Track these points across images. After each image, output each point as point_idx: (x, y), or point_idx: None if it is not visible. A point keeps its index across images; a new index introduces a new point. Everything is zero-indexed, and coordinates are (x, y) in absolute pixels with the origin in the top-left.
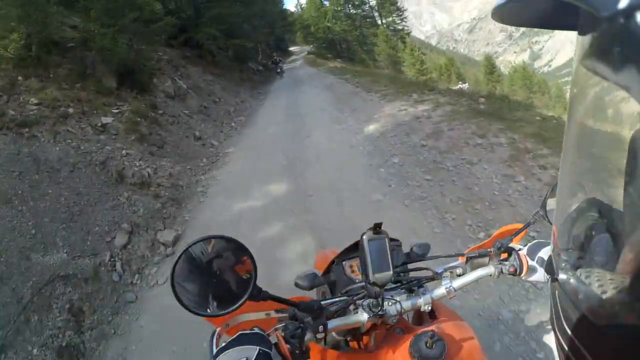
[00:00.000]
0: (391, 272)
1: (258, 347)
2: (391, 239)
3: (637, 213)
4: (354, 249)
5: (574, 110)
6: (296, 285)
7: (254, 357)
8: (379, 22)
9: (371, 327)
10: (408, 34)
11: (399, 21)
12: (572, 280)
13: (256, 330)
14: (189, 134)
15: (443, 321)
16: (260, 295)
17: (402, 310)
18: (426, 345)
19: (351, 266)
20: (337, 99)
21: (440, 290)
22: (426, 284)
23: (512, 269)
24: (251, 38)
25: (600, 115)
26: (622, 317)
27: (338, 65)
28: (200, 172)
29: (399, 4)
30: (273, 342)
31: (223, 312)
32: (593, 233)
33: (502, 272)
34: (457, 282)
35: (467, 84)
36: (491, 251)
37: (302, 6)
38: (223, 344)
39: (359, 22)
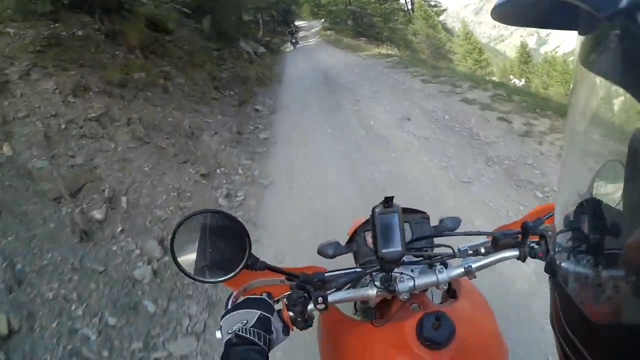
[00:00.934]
0: (400, 248)
1: (260, 312)
2: (417, 211)
3: (637, 213)
4: None
5: (574, 109)
6: (319, 252)
7: (254, 321)
8: None
9: (390, 301)
10: (444, 10)
11: None
12: (572, 280)
13: (263, 295)
14: None
15: (462, 302)
16: (256, 265)
17: (415, 287)
18: (432, 326)
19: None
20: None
21: (458, 270)
22: (448, 261)
23: (539, 254)
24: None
25: (600, 114)
26: (622, 317)
27: (382, 51)
28: None
29: None
30: (278, 308)
31: (219, 279)
32: (593, 233)
33: (529, 255)
34: (478, 263)
35: (520, 79)
36: (520, 232)
37: None
38: (232, 300)
39: None
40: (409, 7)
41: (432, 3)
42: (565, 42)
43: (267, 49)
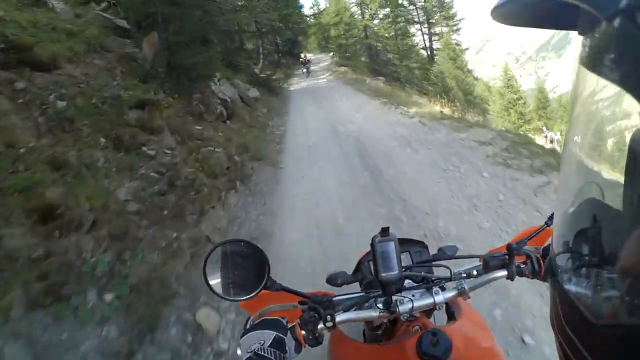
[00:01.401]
0: (397, 271)
1: (275, 333)
2: (416, 242)
3: (637, 213)
4: None
5: (573, 110)
6: (327, 281)
7: (270, 341)
8: (419, 30)
9: (395, 325)
10: (466, 49)
11: (451, 33)
12: (572, 280)
13: (278, 317)
14: None
15: (460, 322)
16: (274, 287)
17: (414, 309)
18: (430, 343)
19: (372, 267)
20: None
21: (453, 292)
22: (446, 283)
23: (526, 272)
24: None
25: (600, 115)
26: (622, 317)
27: (442, 109)
28: None
29: (452, 10)
30: (291, 327)
31: (243, 298)
32: (593, 233)
33: (517, 274)
34: (470, 284)
35: (555, 133)
36: (506, 254)
37: (319, 6)
38: (249, 322)
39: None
40: (427, 44)
41: (455, 41)
42: (564, 82)
43: (266, 88)
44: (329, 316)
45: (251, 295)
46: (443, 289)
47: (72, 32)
